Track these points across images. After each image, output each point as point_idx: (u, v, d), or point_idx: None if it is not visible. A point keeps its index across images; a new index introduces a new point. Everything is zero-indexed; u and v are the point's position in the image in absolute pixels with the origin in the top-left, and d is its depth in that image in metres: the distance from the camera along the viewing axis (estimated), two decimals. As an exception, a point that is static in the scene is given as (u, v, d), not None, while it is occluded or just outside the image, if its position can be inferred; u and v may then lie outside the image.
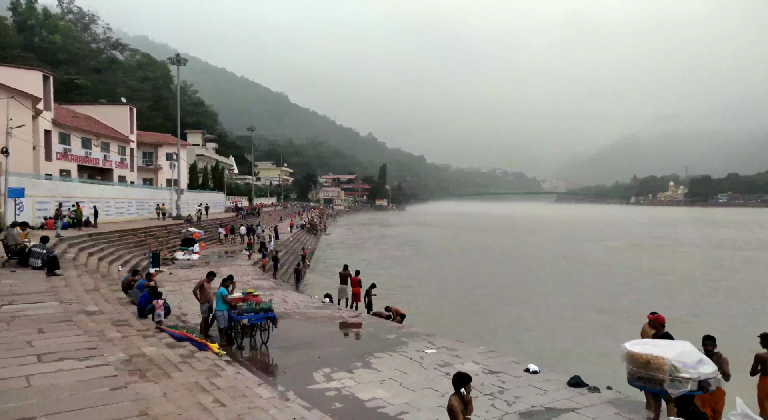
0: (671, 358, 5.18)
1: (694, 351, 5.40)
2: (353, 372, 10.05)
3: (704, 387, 5.08)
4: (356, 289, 18.32)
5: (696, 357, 5.22)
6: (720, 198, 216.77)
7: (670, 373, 5.12)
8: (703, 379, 5.05)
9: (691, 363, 5.14)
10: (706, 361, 5.26)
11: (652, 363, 5.29)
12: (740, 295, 25.41)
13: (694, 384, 5.01)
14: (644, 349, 5.47)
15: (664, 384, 5.19)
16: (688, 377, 5.07)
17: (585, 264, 38.07)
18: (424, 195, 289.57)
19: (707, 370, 5.10)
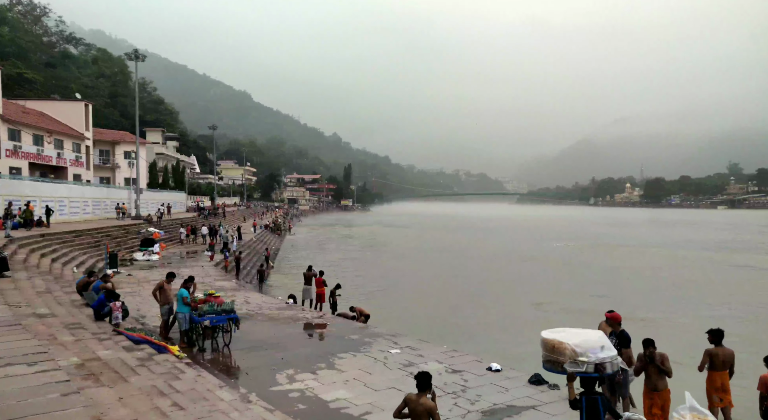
0: (573, 343, 5.76)
1: (600, 340, 5.88)
2: (317, 373, 9.98)
3: (600, 370, 5.65)
4: (320, 289, 18.20)
5: (599, 344, 5.72)
6: (673, 199, 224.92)
7: (570, 357, 5.70)
8: (599, 362, 5.64)
9: (592, 349, 5.69)
10: (608, 348, 5.79)
11: (557, 347, 5.82)
12: (700, 293, 26.19)
13: (591, 366, 5.58)
14: (553, 336, 5.95)
15: (563, 365, 5.77)
16: (585, 361, 5.61)
17: (548, 264, 38.85)
18: (389, 195, 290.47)
19: (606, 355, 5.67)
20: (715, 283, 29.55)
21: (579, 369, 5.66)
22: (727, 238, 62.30)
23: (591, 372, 5.65)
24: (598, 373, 5.68)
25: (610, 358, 5.72)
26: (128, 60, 43.68)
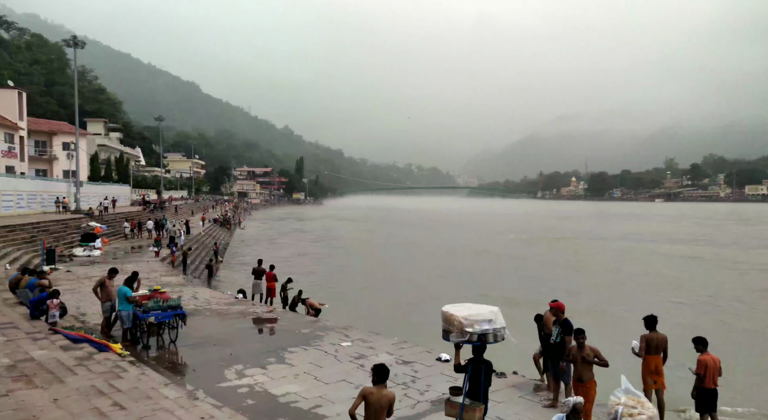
0: (462, 315, 6.29)
1: (490, 314, 6.39)
2: (267, 367, 9.86)
3: (482, 339, 6.24)
4: (271, 284, 17.95)
5: (487, 318, 6.31)
6: (614, 193, 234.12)
7: (457, 327, 6.23)
8: (482, 333, 6.19)
9: (479, 321, 6.23)
10: (496, 321, 6.35)
11: (448, 319, 6.38)
12: (643, 284, 27.09)
13: (474, 336, 6.16)
14: (449, 309, 6.51)
15: (450, 334, 6.33)
16: (470, 331, 6.14)
17: (499, 257, 39.67)
18: (342, 189, 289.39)
19: (490, 327, 6.25)
20: (662, 274, 30.48)
21: (463, 338, 6.20)
22: (672, 229, 64.90)
23: (474, 341, 6.17)
24: (480, 343, 6.23)
25: (493, 330, 6.25)
26: (66, 46, 41.50)
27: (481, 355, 6.38)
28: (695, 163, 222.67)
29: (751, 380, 12.67)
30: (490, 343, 6.33)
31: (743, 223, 77.28)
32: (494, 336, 6.29)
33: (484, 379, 6.21)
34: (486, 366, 6.31)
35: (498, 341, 6.41)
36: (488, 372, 6.30)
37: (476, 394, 6.23)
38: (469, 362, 6.31)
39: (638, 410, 4.91)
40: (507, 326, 6.43)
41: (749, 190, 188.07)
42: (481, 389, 6.23)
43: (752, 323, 18.70)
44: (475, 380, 6.22)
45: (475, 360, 6.33)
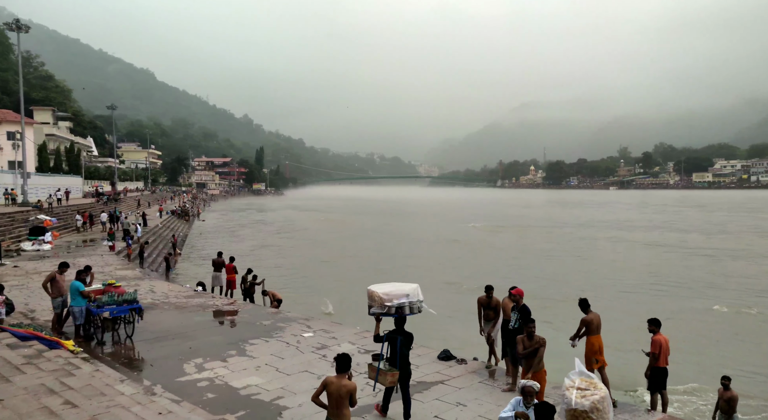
0: (382, 292, 7.20)
1: (408, 290, 7.35)
2: (227, 360, 9.72)
3: (400, 312, 7.13)
4: (231, 276, 17.68)
5: (404, 293, 7.26)
6: (571, 181, 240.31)
7: (378, 302, 7.17)
8: (399, 306, 7.12)
9: (397, 297, 7.15)
10: (412, 296, 7.29)
11: (371, 295, 7.27)
12: (607, 271, 27.49)
13: (393, 309, 7.08)
14: (372, 287, 7.40)
15: (371, 309, 7.27)
16: (389, 305, 7.09)
17: (463, 245, 40.16)
18: (303, 179, 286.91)
19: (406, 301, 7.19)
20: (623, 261, 31.11)
21: (382, 311, 7.12)
22: (634, 217, 66.43)
23: (393, 313, 7.11)
24: (397, 315, 7.15)
25: (409, 303, 7.21)
26: (8, 30, 39.42)
27: (401, 326, 7.15)
28: (647, 152, 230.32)
29: (696, 359, 13.26)
30: (407, 315, 7.22)
31: (701, 209, 79.78)
32: (410, 308, 7.21)
33: (400, 348, 6.96)
34: (404, 336, 7.06)
35: (414, 313, 7.35)
36: (406, 342, 7.04)
37: (393, 361, 7.04)
38: (388, 333, 7.06)
39: (591, 391, 5.07)
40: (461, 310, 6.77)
41: (696, 178, 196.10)
42: (398, 357, 6.99)
43: (705, 304, 19.56)
44: (393, 349, 7.02)
45: (394, 331, 7.09)
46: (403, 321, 7.23)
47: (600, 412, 5.02)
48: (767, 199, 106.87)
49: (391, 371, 6.98)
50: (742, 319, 17.51)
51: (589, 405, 4.99)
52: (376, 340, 7.23)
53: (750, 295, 20.82)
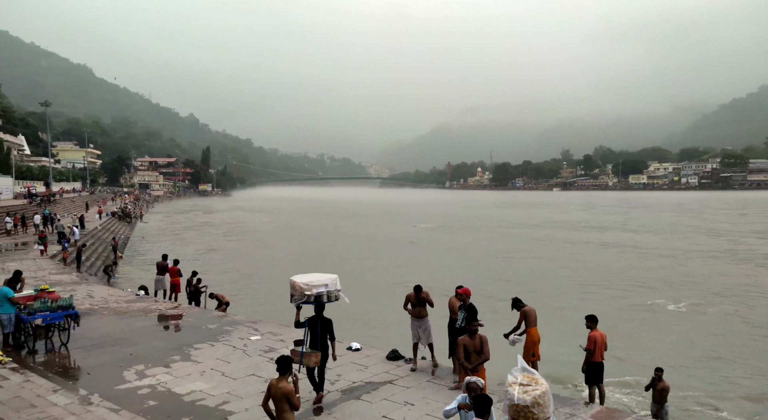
0: (302, 282, 7.87)
1: (327, 280, 8.04)
2: (170, 366, 9.44)
3: (318, 299, 7.82)
4: (175, 279, 17.15)
5: (323, 283, 7.97)
6: (517, 182, 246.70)
7: (299, 291, 7.82)
8: (317, 294, 7.81)
9: (316, 286, 7.86)
10: (331, 285, 8.01)
11: (293, 285, 7.90)
12: (555, 271, 27.94)
13: (312, 297, 7.77)
14: (294, 277, 8.03)
15: (293, 297, 7.92)
16: (309, 294, 7.75)
17: (414, 246, 40.47)
18: (252, 180, 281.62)
19: (324, 290, 7.91)
20: (578, 260, 31.58)
21: (302, 300, 7.81)
22: (586, 217, 67.85)
23: (311, 301, 7.79)
24: (316, 302, 7.83)
25: (327, 292, 7.94)
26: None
27: (320, 313, 7.79)
28: (588, 155, 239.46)
29: (632, 352, 13.90)
30: (325, 302, 7.92)
31: (647, 209, 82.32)
32: (328, 296, 7.95)
33: (320, 332, 7.65)
34: (323, 321, 7.71)
35: (332, 300, 8.05)
36: (325, 327, 7.70)
37: (315, 344, 7.70)
38: (308, 319, 7.74)
39: (533, 387, 5.21)
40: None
41: (632, 179, 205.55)
42: (318, 340, 7.66)
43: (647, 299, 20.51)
44: (314, 333, 7.70)
45: (314, 317, 7.74)
46: (322, 308, 7.85)
47: (541, 407, 5.17)
48: (702, 199, 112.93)
49: (313, 352, 7.59)
50: (678, 314, 18.46)
51: (531, 400, 5.13)
52: (297, 326, 7.88)
53: (690, 292, 21.75)
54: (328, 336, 7.70)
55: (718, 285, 23.05)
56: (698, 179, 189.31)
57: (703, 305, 19.34)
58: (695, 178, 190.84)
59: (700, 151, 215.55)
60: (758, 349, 14.43)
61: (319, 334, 7.70)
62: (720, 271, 26.64)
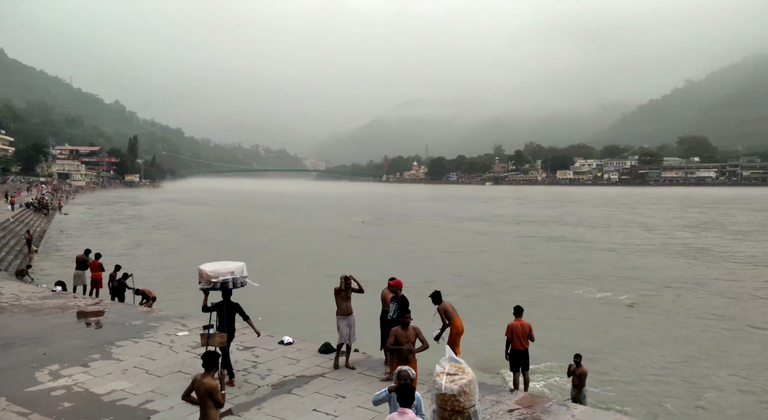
0: (209, 270, 8.23)
1: (233, 268, 8.37)
2: (89, 365, 8.97)
3: (224, 286, 8.24)
4: (97, 273, 16.25)
5: (229, 271, 8.30)
6: (451, 176, 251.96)
7: (206, 279, 8.18)
8: (223, 281, 8.18)
9: (222, 274, 8.21)
10: (237, 273, 8.36)
11: (200, 273, 8.27)
12: (496, 264, 28.28)
13: (218, 284, 8.16)
14: (202, 266, 8.36)
15: (200, 284, 8.31)
16: (215, 281, 8.12)
17: (343, 237, 40.44)
18: (183, 171, 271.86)
19: (230, 277, 8.27)
20: (514, 253, 32.18)
21: (208, 286, 8.23)
22: (524, 212, 68.69)
23: (218, 288, 8.20)
24: (222, 288, 8.24)
25: (233, 279, 8.30)
26: None
27: (227, 298, 8.34)
28: (519, 150, 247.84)
29: (557, 339, 14.56)
30: (231, 288, 8.32)
31: (581, 204, 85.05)
32: (233, 283, 8.32)
33: (226, 316, 8.26)
34: (229, 306, 8.32)
35: (238, 287, 8.44)
36: (231, 310, 8.33)
37: (222, 327, 8.27)
38: (215, 304, 8.28)
39: (459, 376, 5.35)
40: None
41: (560, 175, 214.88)
42: (225, 322, 8.26)
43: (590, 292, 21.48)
44: (221, 316, 8.28)
45: (220, 302, 8.29)
46: (229, 294, 8.37)
47: (467, 395, 5.32)
48: (625, 195, 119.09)
49: (219, 334, 8.12)
50: (599, 303, 19.46)
51: (458, 389, 5.27)
52: (204, 311, 8.46)
53: (620, 282, 22.65)
54: (241, 317, 8.42)
55: (648, 276, 24.05)
56: (619, 175, 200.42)
57: (629, 295, 20.26)
58: (616, 174, 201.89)
59: (621, 149, 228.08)
60: (672, 335, 15.48)
61: (225, 317, 8.27)
62: (653, 264, 27.55)
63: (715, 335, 15.35)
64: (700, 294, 20.61)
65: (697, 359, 13.33)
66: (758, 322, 16.53)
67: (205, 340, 8.02)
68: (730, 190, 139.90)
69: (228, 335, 8.26)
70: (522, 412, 7.40)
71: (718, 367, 12.72)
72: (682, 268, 26.55)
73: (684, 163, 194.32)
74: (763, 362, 13.10)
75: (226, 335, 8.18)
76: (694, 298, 19.84)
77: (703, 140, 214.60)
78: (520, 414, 7.34)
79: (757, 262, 27.95)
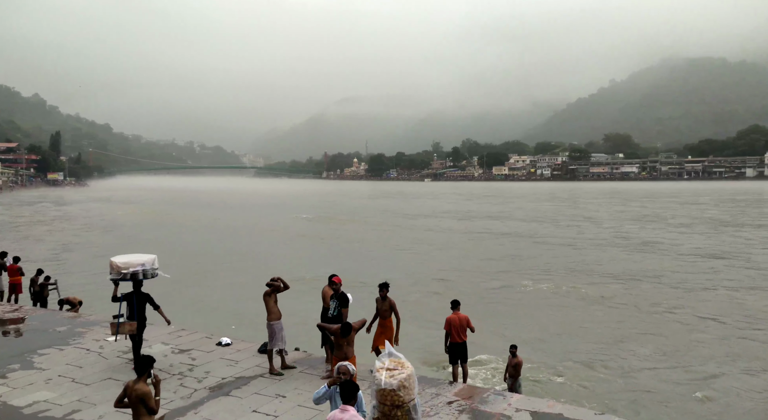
0: (119, 262, 8.66)
1: (147, 259, 8.89)
2: (7, 376, 8.44)
3: (134, 277, 8.68)
4: (16, 278, 15.21)
5: (140, 263, 8.77)
6: (391, 173, 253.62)
7: (116, 270, 8.68)
8: (133, 272, 8.63)
9: (132, 265, 8.65)
10: (147, 265, 8.85)
11: (111, 265, 8.72)
12: (445, 259, 28.40)
13: (128, 275, 8.63)
14: (113, 258, 8.80)
15: (110, 275, 8.79)
16: (125, 272, 8.60)
17: (285, 235, 39.84)
18: (111, 168, 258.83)
19: (140, 269, 8.73)
20: (459, 248, 32.51)
21: (118, 277, 8.66)
22: (472, 207, 68.97)
23: (127, 278, 8.65)
24: (132, 279, 8.67)
25: (143, 270, 8.76)
26: None
27: (137, 288, 8.73)
28: (456, 147, 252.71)
29: (495, 331, 14.99)
30: (141, 279, 8.74)
31: (523, 199, 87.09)
32: (143, 274, 8.74)
33: (137, 306, 8.63)
34: (138, 296, 8.69)
35: (148, 278, 8.89)
36: (141, 300, 8.70)
37: (132, 316, 8.63)
38: (125, 294, 8.64)
39: (399, 371, 5.41)
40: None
41: (496, 171, 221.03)
42: (135, 311, 8.62)
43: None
44: (131, 306, 8.66)
45: (130, 293, 8.68)
46: (139, 284, 8.76)
47: (407, 389, 5.38)
48: (563, 189, 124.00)
49: (129, 322, 8.51)
50: (537, 294, 20.16)
51: (397, 384, 5.32)
52: (114, 300, 8.72)
53: (559, 274, 23.43)
54: (151, 307, 8.75)
55: (594, 269, 24.86)
56: (551, 171, 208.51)
57: (569, 286, 21.03)
58: (548, 170, 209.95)
59: (552, 146, 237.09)
60: (603, 323, 16.30)
61: (135, 307, 8.65)
62: (603, 257, 28.35)
63: (645, 320, 16.29)
64: (646, 285, 21.26)
65: (628, 342, 14.13)
66: (681, 308, 17.69)
67: (115, 329, 8.49)
68: (652, 184, 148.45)
69: (138, 324, 8.62)
70: (461, 403, 7.58)
71: (643, 349, 13.54)
72: (630, 260, 27.18)
73: (610, 159, 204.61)
74: (684, 340, 14.06)
75: (136, 323, 8.56)
76: (638, 289, 20.55)
77: (626, 137, 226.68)
78: (458, 405, 7.51)
79: (703, 254, 28.78)
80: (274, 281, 8.93)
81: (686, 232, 39.17)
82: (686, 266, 25.49)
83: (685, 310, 17.43)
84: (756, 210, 58.71)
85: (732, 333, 14.92)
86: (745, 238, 35.20)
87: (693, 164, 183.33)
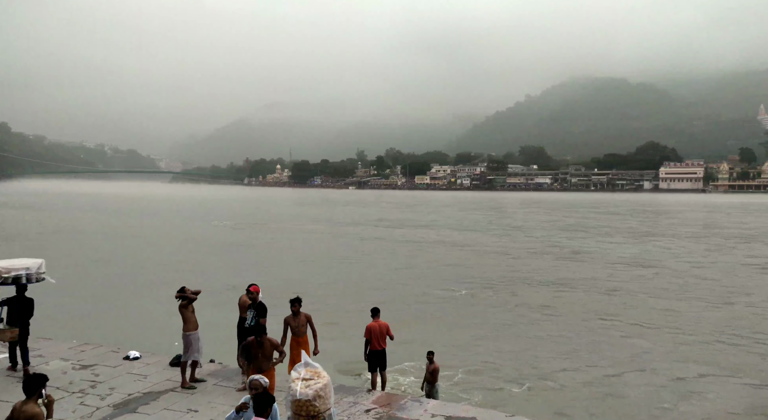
0: (1, 265, 8.55)
1: (32, 264, 8.85)
2: None
3: (17, 281, 8.57)
4: None
5: (26, 266, 8.73)
6: (315, 180, 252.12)
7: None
8: (15, 276, 8.52)
9: (15, 269, 8.56)
10: (32, 269, 8.79)
11: None
12: (371, 270, 28.12)
13: (9, 279, 8.50)
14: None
15: None
16: (7, 276, 8.48)
17: (202, 244, 38.45)
18: (11, 171, 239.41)
19: (24, 273, 8.66)
20: (388, 257, 32.30)
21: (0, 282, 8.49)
22: (405, 216, 68.92)
23: (9, 282, 8.50)
24: (15, 284, 8.54)
25: (27, 274, 8.69)
26: None
27: (21, 293, 8.60)
28: (380, 156, 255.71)
29: (414, 338, 15.21)
30: (25, 283, 8.64)
31: (451, 207, 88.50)
32: (27, 278, 8.66)
33: (19, 310, 8.45)
34: (22, 301, 8.55)
35: (32, 282, 8.80)
36: (24, 306, 8.54)
37: (14, 321, 8.45)
38: (6, 299, 8.52)
39: (315, 380, 5.36)
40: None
41: (418, 180, 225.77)
42: (17, 317, 8.45)
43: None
44: (12, 311, 8.45)
45: (12, 297, 8.55)
46: (23, 289, 8.61)
47: (322, 399, 5.34)
48: (487, 198, 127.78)
49: (10, 329, 8.31)
50: (458, 301, 20.65)
51: (312, 393, 5.26)
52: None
53: (495, 282, 24.00)
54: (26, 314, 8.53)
55: (518, 276, 25.68)
56: (470, 181, 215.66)
57: (506, 293, 21.74)
58: (468, 179, 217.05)
59: (472, 156, 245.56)
60: (517, 327, 16.96)
61: (17, 312, 8.43)
62: (529, 264, 29.35)
63: (578, 326, 17.02)
64: (580, 293, 22.12)
65: (543, 347, 14.73)
66: (598, 310, 18.76)
67: None
68: (564, 195, 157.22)
69: (21, 330, 8.40)
70: (378, 411, 7.61)
71: (557, 352, 14.22)
72: (564, 268, 28.29)
73: (525, 171, 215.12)
74: (597, 341, 14.90)
75: (18, 330, 8.33)
76: (572, 296, 21.40)
77: (540, 150, 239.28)
78: (376, 413, 7.53)
79: (631, 262, 30.27)
80: (182, 292, 8.53)
81: (612, 241, 41.31)
82: (617, 274, 26.71)
83: (619, 315, 18.20)
84: (666, 221, 63.56)
85: (660, 338, 15.65)
86: (663, 246, 37.65)
87: (599, 177, 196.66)
